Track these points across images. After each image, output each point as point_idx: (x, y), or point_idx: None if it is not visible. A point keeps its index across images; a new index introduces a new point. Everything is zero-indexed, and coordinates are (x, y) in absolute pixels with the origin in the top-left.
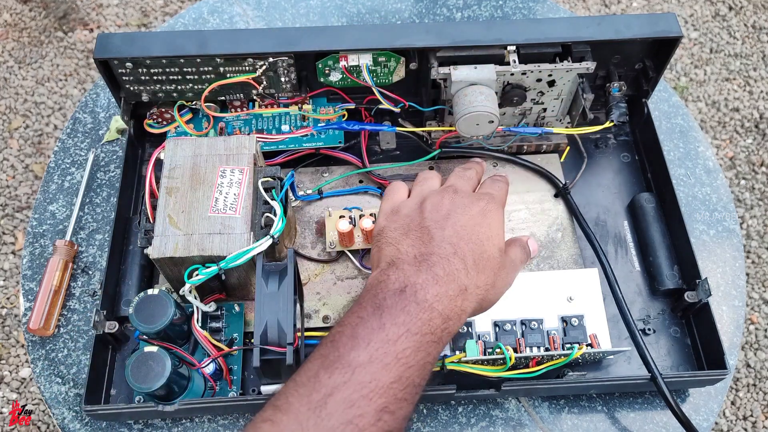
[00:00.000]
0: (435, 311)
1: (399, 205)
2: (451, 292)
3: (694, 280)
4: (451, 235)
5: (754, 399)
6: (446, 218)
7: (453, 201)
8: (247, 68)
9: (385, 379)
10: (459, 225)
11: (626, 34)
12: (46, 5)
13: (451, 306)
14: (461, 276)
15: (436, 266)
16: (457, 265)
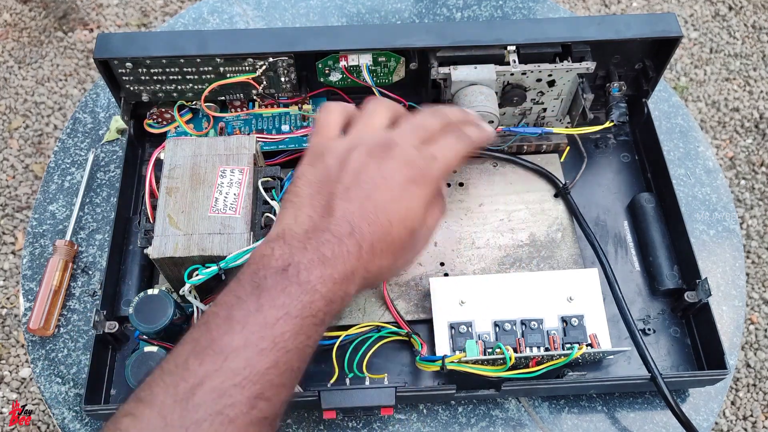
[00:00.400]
0: (318, 294)
1: (325, 146)
2: (336, 276)
3: (694, 280)
4: (354, 212)
5: (754, 399)
6: (359, 185)
7: (380, 165)
8: (247, 68)
9: (261, 365)
10: (370, 201)
11: (626, 34)
12: (46, 5)
13: (334, 289)
14: (351, 260)
15: (325, 246)
16: (350, 247)
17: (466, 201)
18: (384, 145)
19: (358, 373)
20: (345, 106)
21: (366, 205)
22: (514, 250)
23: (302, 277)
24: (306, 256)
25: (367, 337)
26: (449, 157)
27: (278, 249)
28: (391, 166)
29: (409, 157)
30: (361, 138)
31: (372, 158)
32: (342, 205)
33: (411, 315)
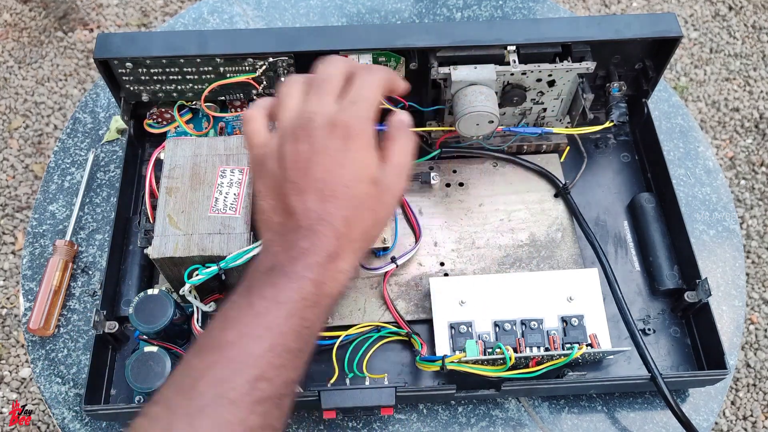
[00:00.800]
0: (305, 279)
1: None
2: (321, 260)
3: (694, 280)
4: (312, 199)
5: (754, 399)
6: (305, 174)
7: (311, 142)
8: (247, 68)
9: (257, 350)
10: (321, 180)
11: (626, 34)
12: (46, 5)
13: (323, 272)
14: (330, 241)
15: (303, 240)
16: (325, 231)
17: (466, 201)
18: (304, 123)
19: (358, 373)
20: (259, 104)
21: (319, 187)
22: (514, 250)
23: (287, 270)
24: (288, 254)
25: (367, 337)
26: (367, 95)
27: (263, 258)
28: (319, 137)
29: (329, 118)
30: (284, 127)
31: (300, 141)
32: (298, 199)
33: (411, 315)
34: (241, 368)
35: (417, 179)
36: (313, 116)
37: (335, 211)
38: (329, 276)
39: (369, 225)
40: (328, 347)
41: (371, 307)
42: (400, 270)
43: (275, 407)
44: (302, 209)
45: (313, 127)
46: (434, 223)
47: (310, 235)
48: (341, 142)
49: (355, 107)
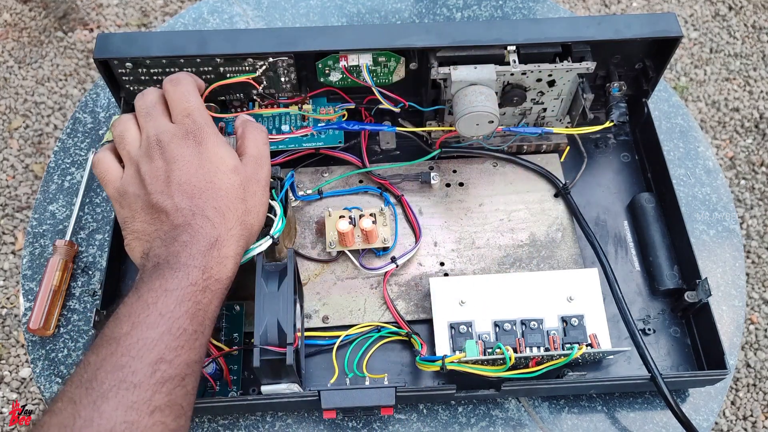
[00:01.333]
0: (190, 267)
1: (120, 185)
2: (202, 248)
3: (694, 280)
4: (183, 199)
5: (754, 399)
6: (169, 183)
7: (165, 157)
8: (247, 68)
9: (153, 335)
10: (185, 182)
11: (626, 34)
12: (46, 5)
13: (206, 258)
14: (209, 230)
15: (182, 234)
16: (201, 222)
17: (466, 201)
18: (153, 144)
19: (358, 373)
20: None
21: (184, 189)
22: (514, 250)
23: (172, 262)
24: (170, 250)
25: (367, 337)
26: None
27: (148, 261)
28: (172, 149)
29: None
30: (134, 155)
31: (154, 159)
32: (169, 203)
33: (411, 315)
34: (139, 353)
35: (417, 179)
36: (159, 136)
37: (205, 204)
38: (214, 262)
39: (241, 212)
40: (328, 347)
41: (371, 307)
42: (400, 270)
43: (179, 386)
44: (174, 210)
45: (163, 144)
46: (434, 223)
47: (187, 229)
48: (194, 147)
49: (190, 117)
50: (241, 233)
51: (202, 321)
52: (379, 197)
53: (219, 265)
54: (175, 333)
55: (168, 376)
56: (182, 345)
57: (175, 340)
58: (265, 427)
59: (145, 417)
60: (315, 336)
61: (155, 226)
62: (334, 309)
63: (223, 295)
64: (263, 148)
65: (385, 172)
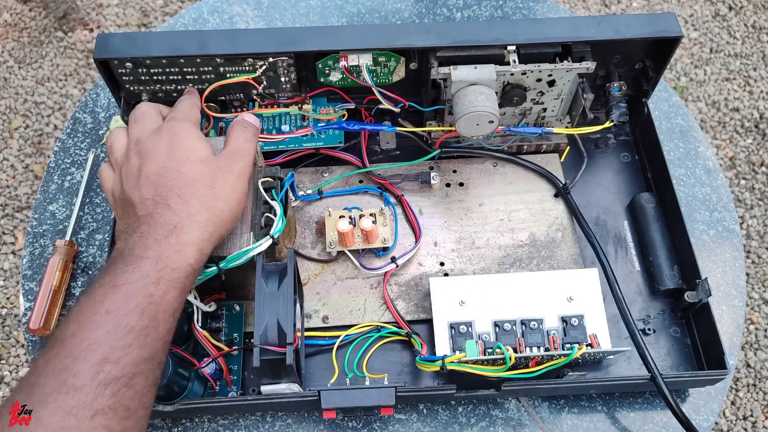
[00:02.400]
0: (142, 258)
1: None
2: (158, 236)
3: (694, 280)
4: (148, 190)
5: (754, 399)
6: (139, 176)
7: (140, 153)
8: (247, 68)
9: (98, 335)
10: (152, 173)
11: (626, 34)
12: (46, 5)
13: (161, 247)
14: (168, 218)
15: (142, 226)
16: (161, 211)
17: (466, 201)
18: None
19: (358, 373)
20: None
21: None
22: (514, 250)
23: (125, 255)
24: (128, 242)
25: (367, 337)
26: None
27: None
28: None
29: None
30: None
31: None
32: (137, 195)
33: (411, 315)
34: (82, 354)
35: (417, 179)
36: (138, 137)
37: (168, 192)
38: (171, 250)
39: (208, 198)
40: (328, 347)
41: (371, 307)
42: (400, 270)
43: (125, 386)
44: (139, 202)
45: (140, 143)
46: (434, 223)
47: (147, 219)
48: (167, 140)
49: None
50: (207, 219)
51: (155, 315)
52: (379, 197)
53: (176, 253)
54: (121, 331)
55: (112, 377)
56: (130, 343)
57: (122, 339)
58: (265, 427)
59: (85, 421)
60: (315, 336)
61: (125, 220)
62: (334, 309)
63: (182, 284)
64: (243, 144)
65: (385, 172)
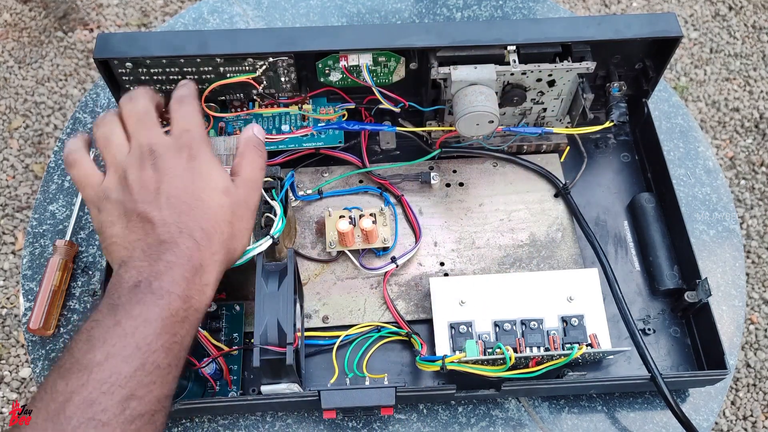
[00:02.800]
0: (173, 295)
1: (101, 189)
2: (187, 274)
3: (694, 280)
4: (171, 213)
5: (754, 399)
6: (158, 193)
7: (156, 167)
8: (247, 68)
9: (126, 371)
10: (174, 196)
11: (626, 34)
12: (46, 5)
13: (189, 286)
14: (194, 254)
15: (167, 253)
16: (187, 243)
17: (466, 201)
18: (145, 152)
19: (358, 373)
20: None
21: (172, 203)
22: (514, 250)
23: (154, 286)
24: (154, 268)
25: (367, 337)
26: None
27: (126, 273)
28: (165, 161)
29: (170, 145)
30: (121, 162)
31: (145, 168)
32: (158, 215)
33: (411, 315)
34: (110, 389)
35: (417, 179)
36: (152, 146)
37: (193, 223)
38: (196, 290)
39: (227, 236)
40: (328, 347)
41: (371, 307)
42: (400, 270)
43: (148, 423)
44: (161, 223)
45: (157, 154)
46: (434, 223)
47: (173, 247)
48: (187, 162)
49: (189, 134)
50: (223, 259)
51: (178, 354)
52: (379, 197)
53: (200, 294)
54: (149, 368)
55: (138, 413)
56: (155, 381)
57: (148, 376)
58: (265, 427)
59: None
60: (315, 336)
61: (137, 235)
62: (334, 309)
63: (198, 325)
64: (259, 174)
65: (385, 172)
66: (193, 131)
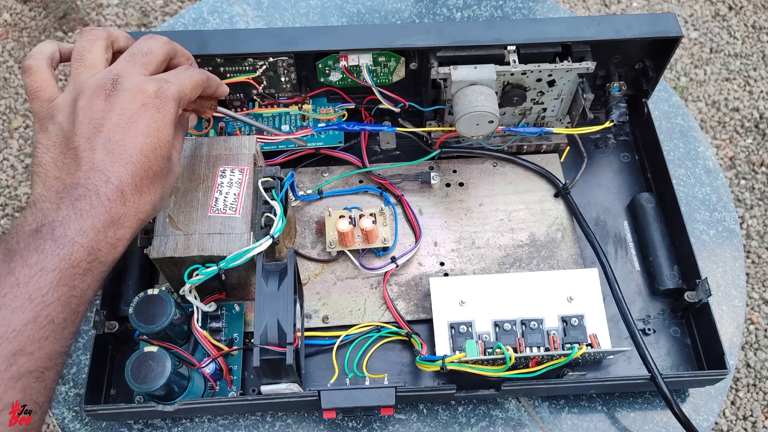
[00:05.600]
0: (77, 245)
1: (51, 106)
2: (99, 225)
3: (694, 280)
4: (104, 159)
5: (754, 399)
6: (98, 131)
7: (110, 101)
8: (247, 68)
9: (17, 323)
10: (115, 141)
11: (626, 34)
12: (46, 5)
13: (98, 238)
14: (115, 206)
15: (81, 200)
16: (110, 194)
17: (466, 201)
18: (107, 81)
19: (358, 373)
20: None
21: (112, 147)
22: (514, 250)
23: (57, 233)
24: (60, 214)
25: (367, 337)
26: (183, 81)
27: (30, 214)
28: (123, 100)
29: (138, 84)
30: (81, 84)
31: (99, 99)
32: (88, 156)
33: (411, 315)
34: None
35: (417, 179)
36: (118, 78)
37: (126, 177)
38: (106, 242)
39: (157, 199)
40: (328, 347)
41: (371, 307)
42: (400, 270)
43: (37, 381)
44: (88, 166)
45: (117, 87)
46: (434, 223)
47: (90, 195)
48: (141, 108)
49: (167, 84)
50: (145, 218)
51: (76, 308)
52: (379, 197)
53: (110, 247)
54: (41, 322)
55: (26, 369)
56: (47, 336)
57: (41, 330)
58: (265, 427)
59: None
60: (315, 336)
61: (60, 172)
62: (334, 309)
63: (103, 277)
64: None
65: (385, 172)
66: (171, 86)
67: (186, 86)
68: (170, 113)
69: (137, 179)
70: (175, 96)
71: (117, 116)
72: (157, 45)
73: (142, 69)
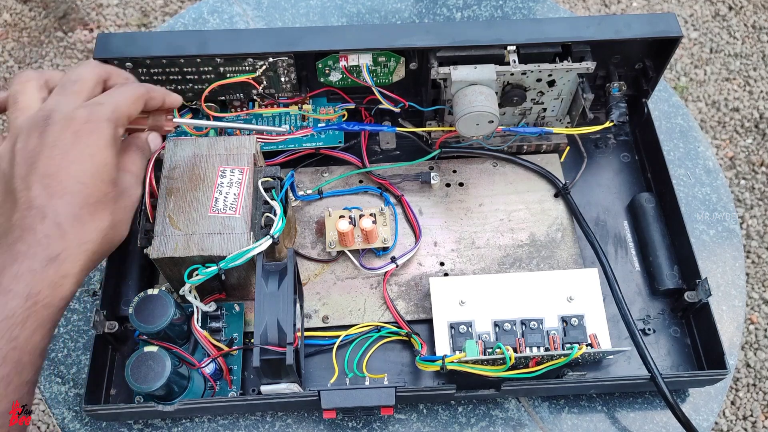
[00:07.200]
0: (11, 293)
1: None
2: (36, 266)
3: (694, 280)
4: (39, 195)
5: (754, 399)
6: (33, 168)
7: (42, 137)
8: (247, 68)
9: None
10: (50, 175)
11: (626, 34)
12: (46, 5)
13: (36, 280)
14: (53, 242)
15: (18, 243)
16: (47, 231)
17: (466, 201)
18: (39, 118)
19: (358, 373)
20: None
21: (48, 182)
22: (514, 250)
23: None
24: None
25: (367, 337)
26: (117, 99)
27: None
28: (55, 132)
29: (68, 114)
30: (18, 127)
31: (33, 137)
32: (24, 195)
33: (411, 315)
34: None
35: (417, 179)
36: (50, 113)
37: (64, 209)
38: (46, 283)
39: (106, 226)
40: (328, 347)
41: (371, 307)
42: (400, 270)
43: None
44: (25, 206)
45: (49, 122)
46: (434, 223)
47: (26, 236)
48: (73, 137)
49: (98, 107)
50: (96, 249)
51: (18, 360)
52: (379, 197)
53: (52, 287)
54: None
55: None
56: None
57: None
58: (265, 427)
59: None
60: (315, 336)
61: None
62: (334, 309)
63: (53, 320)
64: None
65: (385, 172)
66: (104, 108)
67: (121, 104)
68: (105, 135)
69: (76, 209)
70: (108, 116)
71: (49, 149)
72: (85, 71)
73: (74, 98)
